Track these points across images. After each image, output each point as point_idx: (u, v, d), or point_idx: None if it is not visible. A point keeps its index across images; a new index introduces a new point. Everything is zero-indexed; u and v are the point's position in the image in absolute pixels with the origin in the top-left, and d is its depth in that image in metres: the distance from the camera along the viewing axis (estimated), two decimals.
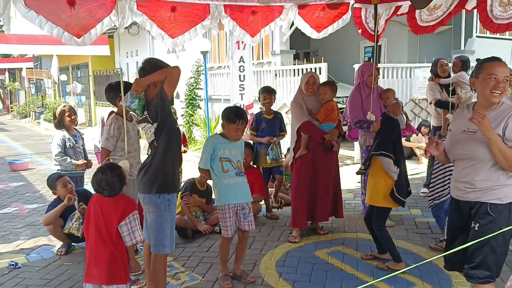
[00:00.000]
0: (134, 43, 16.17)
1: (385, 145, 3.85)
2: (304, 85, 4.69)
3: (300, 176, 4.68)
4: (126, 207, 2.95)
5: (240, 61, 8.63)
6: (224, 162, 3.56)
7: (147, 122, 3.12)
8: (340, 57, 12.31)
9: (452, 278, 3.73)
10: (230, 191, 3.59)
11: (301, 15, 5.48)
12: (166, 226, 3.17)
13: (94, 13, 4.12)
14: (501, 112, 2.62)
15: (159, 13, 4.48)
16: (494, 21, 4.99)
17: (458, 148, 2.77)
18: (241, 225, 3.67)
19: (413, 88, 9.43)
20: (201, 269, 4.07)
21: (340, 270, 3.96)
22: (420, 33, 6.02)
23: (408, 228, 4.95)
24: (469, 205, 2.72)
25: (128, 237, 2.92)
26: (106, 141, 4.03)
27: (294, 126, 4.68)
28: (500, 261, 2.67)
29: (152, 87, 3.12)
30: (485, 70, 2.64)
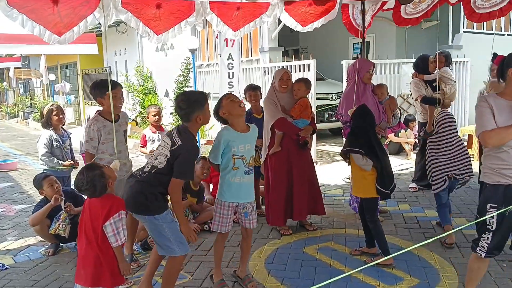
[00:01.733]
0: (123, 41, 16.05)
1: (352, 139, 3.89)
2: (278, 81, 4.66)
3: (275, 173, 4.68)
4: (111, 207, 2.89)
5: (229, 58, 8.62)
6: (236, 159, 3.41)
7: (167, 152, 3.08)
8: (329, 54, 12.33)
9: (440, 272, 3.76)
10: (235, 189, 3.48)
11: (287, 11, 5.48)
12: (164, 229, 3.11)
13: (77, 11, 4.06)
14: None
15: (144, 10, 4.43)
16: (476, 11, 5.07)
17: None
18: (242, 222, 3.61)
19: (401, 83, 9.46)
20: (189, 267, 4.06)
21: (328, 266, 3.97)
22: (403, 25, 6.06)
23: (397, 223, 4.98)
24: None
25: (113, 238, 2.86)
26: (87, 144, 3.94)
27: (268, 122, 4.64)
28: None
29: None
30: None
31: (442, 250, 4.18)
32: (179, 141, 3.03)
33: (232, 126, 3.45)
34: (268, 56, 10.97)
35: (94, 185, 2.89)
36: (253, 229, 3.66)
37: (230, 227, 3.56)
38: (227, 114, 3.44)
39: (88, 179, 2.89)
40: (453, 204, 5.47)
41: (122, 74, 14.04)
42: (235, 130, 3.43)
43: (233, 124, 3.45)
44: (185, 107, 3.10)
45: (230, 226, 3.55)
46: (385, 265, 3.83)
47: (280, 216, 4.69)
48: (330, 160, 8.55)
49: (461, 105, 10.08)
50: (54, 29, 3.96)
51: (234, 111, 3.42)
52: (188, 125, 3.14)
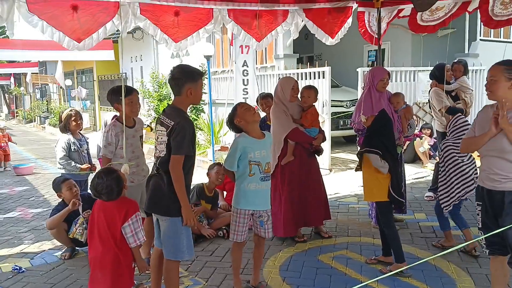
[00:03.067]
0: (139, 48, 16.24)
1: (371, 141, 3.85)
2: (290, 91, 4.57)
3: (288, 183, 4.59)
4: (128, 209, 2.96)
5: (244, 65, 8.65)
6: (253, 166, 3.41)
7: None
8: (344, 61, 12.30)
9: (457, 282, 3.71)
10: (251, 197, 3.46)
11: (311, 19, 5.43)
12: (182, 233, 3.11)
13: (96, 17, 4.14)
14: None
15: (162, 17, 4.48)
16: (493, 18, 5.06)
17: (489, 145, 2.92)
18: (257, 231, 3.59)
19: (417, 91, 9.40)
20: (204, 273, 4.06)
21: (344, 275, 3.94)
22: (419, 32, 6.03)
23: (413, 233, 4.93)
24: (503, 194, 2.88)
25: (131, 239, 2.93)
26: (104, 149, 3.97)
27: (280, 133, 4.52)
28: None
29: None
30: None
31: (459, 260, 4.12)
32: (171, 122, 3.02)
33: (248, 133, 3.46)
34: (282, 63, 11.00)
35: (113, 188, 2.95)
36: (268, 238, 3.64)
37: (246, 236, 3.54)
38: (243, 122, 3.46)
39: (108, 182, 2.95)
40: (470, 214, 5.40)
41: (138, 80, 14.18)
42: (251, 136, 3.45)
43: (248, 131, 3.47)
44: (178, 76, 3.08)
45: (246, 234, 3.53)
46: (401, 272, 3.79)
47: (292, 226, 4.62)
48: (344, 168, 8.51)
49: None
50: (74, 36, 4.03)
51: (249, 118, 3.45)
52: (178, 100, 3.13)
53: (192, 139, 3.09)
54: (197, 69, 3.22)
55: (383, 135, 3.89)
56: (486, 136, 2.91)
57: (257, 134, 3.48)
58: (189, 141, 3.04)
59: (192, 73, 3.12)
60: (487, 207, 3.00)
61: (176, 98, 3.15)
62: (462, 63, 5.91)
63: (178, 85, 3.09)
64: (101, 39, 4.22)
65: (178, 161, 3.01)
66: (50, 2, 3.94)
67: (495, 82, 2.86)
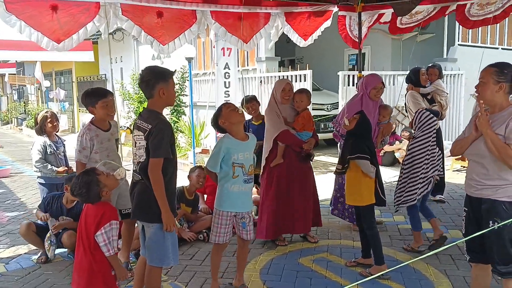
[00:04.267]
0: (119, 49, 16.07)
1: (359, 147, 3.85)
2: (281, 93, 4.59)
3: (276, 186, 4.59)
4: (103, 216, 2.85)
5: (226, 67, 8.64)
6: (236, 167, 3.39)
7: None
8: (325, 65, 12.39)
9: (435, 284, 3.75)
10: (234, 199, 3.45)
11: (289, 23, 5.48)
12: (168, 239, 3.06)
13: (77, 18, 4.08)
14: (507, 114, 2.78)
15: (145, 18, 4.43)
16: (470, 18, 5.17)
17: (471, 149, 2.92)
18: (239, 232, 3.58)
19: (397, 95, 9.51)
20: (184, 277, 4.02)
21: (324, 278, 3.95)
22: (397, 33, 6.14)
23: (392, 235, 4.97)
24: (480, 201, 2.87)
25: (105, 248, 2.82)
26: (79, 154, 3.84)
27: (271, 134, 4.55)
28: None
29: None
30: None
31: (437, 262, 4.17)
32: (148, 125, 2.95)
33: (231, 134, 3.44)
34: (264, 65, 11.02)
35: (87, 191, 2.86)
36: (250, 239, 3.63)
37: (227, 238, 3.52)
38: (227, 123, 3.43)
39: (82, 184, 2.86)
40: (448, 216, 5.49)
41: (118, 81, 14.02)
42: (235, 138, 3.42)
43: (232, 132, 3.44)
44: (148, 78, 3.00)
45: (228, 236, 3.51)
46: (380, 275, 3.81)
47: (274, 230, 4.60)
48: (325, 170, 8.56)
49: (456, 118, 10.16)
50: (53, 36, 3.96)
51: (234, 119, 3.42)
52: (152, 102, 3.05)
53: (171, 141, 3.03)
54: (166, 69, 3.14)
55: (367, 139, 3.92)
56: (468, 139, 2.92)
57: (241, 136, 3.46)
58: (168, 144, 2.98)
59: (162, 73, 3.04)
60: (470, 213, 2.99)
61: (150, 101, 3.07)
62: (437, 67, 6.01)
63: (149, 87, 3.01)
64: (81, 40, 4.16)
65: (157, 164, 2.94)
66: (29, 2, 3.87)
67: (483, 84, 2.84)
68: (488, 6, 5.05)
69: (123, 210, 3.90)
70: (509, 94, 2.82)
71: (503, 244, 2.78)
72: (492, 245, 2.82)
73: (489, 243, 2.84)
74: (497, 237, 2.78)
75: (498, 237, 2.78)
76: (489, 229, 2.64)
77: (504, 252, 2.78)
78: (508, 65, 2.82)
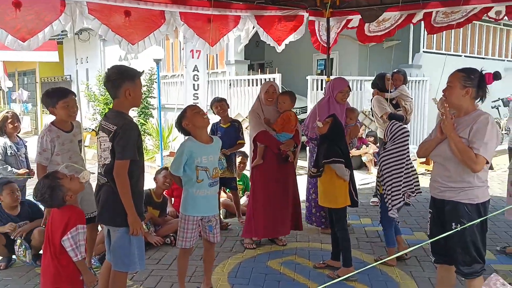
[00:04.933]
0: (85, 50, 15.75)
1: (333, 151, 3.88)
2: (264, 94, 4.66)
3: (257, 186, 4.66)
4: (69, 220, 2.76)
5: (194, 70, 8.56)
6: (200, 171, 3.34)
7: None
8: (294, 69, 12.48)
9: (401, 286, 3.81)
10: (199, 203, 3.40)
11: (261, 26, 5.46)
12: (134, 243, 2.98)
13: (42, 16, 3.94)
14: (472, 119, 2.83)
15: (113, 18, 4.33)
16: (435, 25, 5.34)
17: (436, 150, 2.98)
18: (206, 236, 3.54)
19: (364, 100, 9.67)
20: (150, 282, 3.95)
21: (292, 280, 3.96)
22: (367, 42, 6.24)
23: (359, 237, 5.03)
24: (443, 203, 2.92)
25: (72, 253, 2.74)
26: (39, 156, 3.71)
27: (252, 135, 4.65)
28: (484, 251, 2.90)
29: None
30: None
31: (403, 264, 4.24)
32: (114, 126, 2.87)
33: (195, 137, 3.40)
34: (234, 69, 11.01)
35: (50, 195, 2.76)
36: (217, 242, 3.61)
37: (194, 242, 3.48)
38: (191, 125, 3.39)
39: (43, 190, 2.76)
40: (413, 219, 5.60)
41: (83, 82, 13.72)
42: (198, 141, 3.38)
43: (196, 135, 3.40)
44: (114, 77, 2.92)
45: (194, 241, 3.47)
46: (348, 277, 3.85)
47: (264, 228, 4.65)
48: None
49: (420, 123, 10.40)
50: (18, 35, 3.81)
51: (198, 123, 3.37)
52: (117, 103, 2.97)
53: (137, 142, 2.95)
54: (134, 69, 3.06)
55: (341, 142, 3.95)
56: (433, 141, 2.99)
57: (205, 139, 3.42)
58: (134, 145, 2.89)
59: (129, 73, 2.96)
60: (434, 215, 3.04)
61: (115, 101, 2.99)
62: (402, 72, 6.14)
63: (114, 87, 2.93)
64: (47, 39, 4.03)
65: (123, 166, 2.86)
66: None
67: (450, 88, 2.88)
68: (453, 15, 5.21)
69: (87, 214, 3.79)
70: (475, 99, 2.89)
71: (466, 245, 2.84)
72: (455, 246, 2.88)
73: (452, 244, 2.90)
74: (459, 239, 2.84)
75: (460, 239, 2.84)
76: (451, 232, 2.67)
77: (467, 253, 2.84)
78: (476, 71, 2.88)
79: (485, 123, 2.76)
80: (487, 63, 13.30)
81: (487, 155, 2.74)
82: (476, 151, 2.72)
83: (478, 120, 2.78)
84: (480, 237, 2.84)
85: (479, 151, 2.72)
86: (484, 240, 2.89)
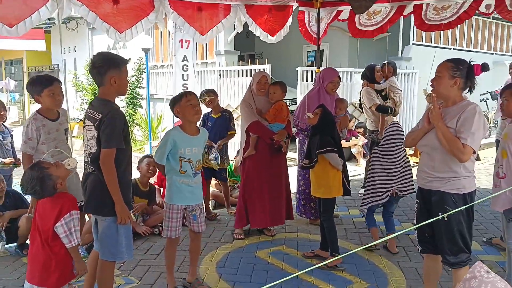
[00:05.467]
0: (72, 39, 15.55)
1: (327, 141, 3.88)
2: (256, 84, 4.66)
3: (250, 177, 4.65)
4: (62, 207, 2.71)
5: (184, 60, 8.49)
6: (183, 162, 3.34)
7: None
8: (284, 60, 12.45)
9: (388, 276, 3.84)
10: (183, 192, 3.41)
11: (251, 16, 5.40)
12: (121, 232, 2.96)
13: (28, 2, 3.87)
14: (459, 108, 2.83)
15: (101, 5, 4.26)
16: (426, 22, 5.32)
17: (423, 140, 2.98)
18: (190, 225, 3.55)
19: (353, 92, 9.68)
20: (137, 272, 3.93)
21: (280, 270, 3.97)
22: (359, 37, 6.21)
23: (347, 228, 5.05)
24: (430, 193, 2.92)
25: (66, 239, 2.68)
26: (25, 145, 3.63)
27: (243, 126, 4.64)
28: (470, 241, 2.92)
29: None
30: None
31: (390, 254, 4.27)
32: (99, 115, 2.83)
33: (182, 126, 3.40)
34: (223, 59, 10.93)
35: (40, 187, 2.71)
36: (202, 232, 3.61)
37: (179, 232, 3.48)
38: (181, 114, 3.38)
39: (33, 182, 2.70)
40: (400, 210, 5.63)
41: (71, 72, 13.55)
42: (184, 132, 3.37)
43: (183, 125, 3.40)
44: (99, 64, 2.87)
45: (179, 230, 3.47)
46: (335, 266, 3.88)
47: (256, 218, 4.66)
48: None
49: (409, 115, 10.45)
50: (4, 20, 3.74)
51: (188, 116, 3.36)
52: (103, 90, 2.92)
53: (124, 130, 2.90)
54: (120, 56, 3.01)
55: (332, 132, 3.94)
56: (421, 131, 3.00)
57: (191, 131, 3.41)
58: (120, 133, 2.85)
59: (115, 60, 2.90)
60: (421, 205, 3.05)
61: (101, 89, 2.94)
62: (391, 64, 6.15)
63: (100, 74, 2.87)
64: (35, 25, 3.94)
65: (109, 154, 2.82)
66: None
67: (439, 78, 2.88)
68: (443, 11, 5.19)
69: None
70: (463, 89, 2.89)
71: (452, 235, 2.86)
72: (442, 236, 2.90)
73: (439, 234, 2.92)
74: (446, 228, 2.86)
75: (447, 228, 2.86)
76: (436, 218, 2.67)
77: (453, 243, 2.86)
78: (464, 62, 2.88)
79: (473, 113, 2.77)
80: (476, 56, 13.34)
81: (474, 145, 2.75)
82: (464, 141, 2.73)
83: (466, 110, 2.78)
84: (466, 226, 2.86)
85: (467, 141, 2.72)
86: (471, 230, 2.91)
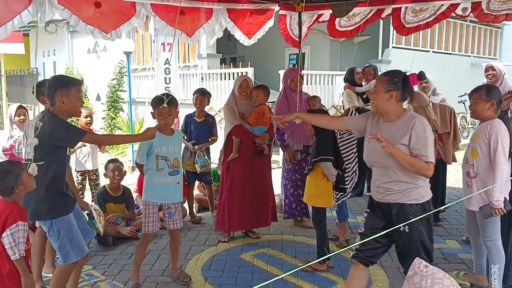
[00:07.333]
0: (52, 42, 15.34)
1: (323, 148, 3.86)
2: (238, 88, 4.71)
3: (233, 180, 4.66)
4: (9, 215, 2.58)
5: (166, 63, 8.47)
6: (160, 160, 3.55)
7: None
8: (266, 63, 12.51)
9: (371, 276, 3.88)
10: (158, 190, 3.58)
11: (232, 20, 5.44)
12: (62, 236, 2.99)
13: (10, 5, 3.82)
14: (406, 122, 2.78)
15: (83, 8, 4.23)
16: (405, 25, 5.44)
17: (373, 157, 2.91)
18: (166, 224, 3.70)
19: (335, 95, 9.79)
20: (122, 277, 3.92)
21: (265, 272, 4.00)
22: (338, 37, 6.31)
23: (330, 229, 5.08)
24: (389, 206, 2.86)
25: (10, 251, 2.56)
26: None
27: (226, 129, 4.70)
28: (431, 249, 2.88)
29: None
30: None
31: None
32: (40, 123, 2.97)
33: (158, 128, 3.53)
34: (206, 62, 10.95)
35: (1, 179, 2.61)
36: (178, 229, 3.76)
37: (155, 228, 3.63)
38: (156, 118, 3.63)
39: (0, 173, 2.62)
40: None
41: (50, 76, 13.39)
42: (159, 132, 3.53)
43: (159, 127, 3.56)
44: (49, 86, 3.11)
45: (155, 226, 3.62)
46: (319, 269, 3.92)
47: (236, 222, 4.66)
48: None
49: None
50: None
51: (159, 123, 3.58)
52: (54, 109, 3.05)
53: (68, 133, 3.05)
54: (72, 79, 3.27)
55: (329, 138, 3.90)
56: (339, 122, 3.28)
57: (166, 131, 3.62)
58: (66, 131, 3.03)
59: (64, 82, 3.11)
60: (379, 214, 2.94)
61: (52, 108, 3.09)
62: (373, 67, 6.28)
63: (49, 94, 3.07)
64: (17, 28, 3.89)
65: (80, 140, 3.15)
66: None
67: (376, 92, 2.86)
68: (422, 13, 5.30)
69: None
70: (402, 101, 2.84)
71: (416, 248, 2.79)
72: (405, 246, 2.82)
73: (405, 250, 2.84)
74: (410, 242, 2.80)
75: (411, 242, 2.79)
76: (395, 228, 2.60)
77: (416, 253, 2.71)
78: (399, 74, 2.83)
79: (423, 128, 2.74)
80: (454, 59, 13.70)
81: (433, 157, 2.75)
82: (426, 159, 2.71)
83: (415, 126, 2.74)
84: (427, 235, 2.82)
85: (428, 158, 2.71)
86: (431, 237, 2.87)
